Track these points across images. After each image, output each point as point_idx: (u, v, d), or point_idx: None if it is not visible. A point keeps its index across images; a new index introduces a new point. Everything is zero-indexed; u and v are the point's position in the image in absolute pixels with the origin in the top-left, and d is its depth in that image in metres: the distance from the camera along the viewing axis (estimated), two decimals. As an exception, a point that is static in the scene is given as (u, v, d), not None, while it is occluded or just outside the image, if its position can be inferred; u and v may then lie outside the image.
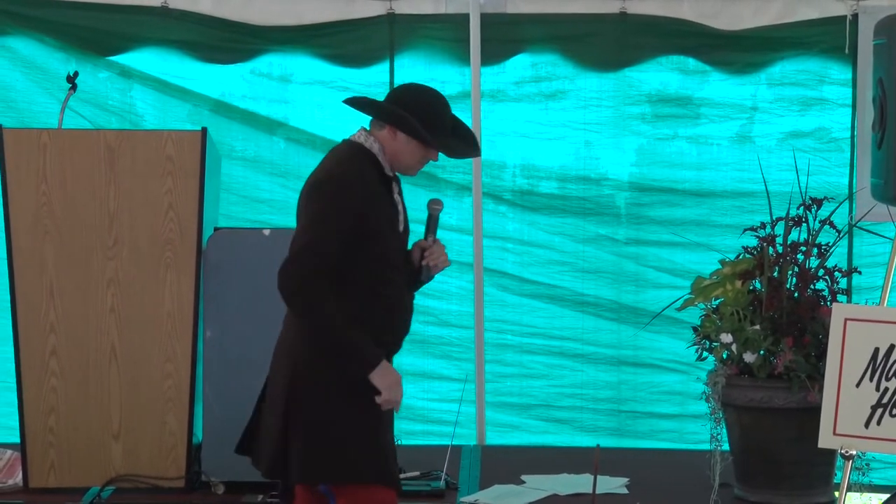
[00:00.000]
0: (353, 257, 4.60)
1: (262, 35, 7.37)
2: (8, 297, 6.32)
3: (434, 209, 4.90)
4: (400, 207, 4.81)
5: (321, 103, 7.44)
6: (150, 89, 7.43)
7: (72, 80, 6.56)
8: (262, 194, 7.45)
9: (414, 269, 4.85)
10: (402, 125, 4.69)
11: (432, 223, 4.90)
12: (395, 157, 4.75)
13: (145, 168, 6.31)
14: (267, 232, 6.39)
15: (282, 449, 4.64)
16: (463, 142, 4.85)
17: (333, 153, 4.79)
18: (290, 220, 7.31)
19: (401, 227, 4.80)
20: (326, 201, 4.62)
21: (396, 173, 4.80)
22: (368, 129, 4.78)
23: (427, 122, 4.69)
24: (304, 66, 7.44)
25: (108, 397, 6.33)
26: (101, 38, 7.38)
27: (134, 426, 6.33)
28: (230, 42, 7.39)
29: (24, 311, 6.30)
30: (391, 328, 4.75)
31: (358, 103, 4.80)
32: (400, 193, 4.83)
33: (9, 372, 6.45)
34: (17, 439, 6.39)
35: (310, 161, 7.37)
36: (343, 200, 4.60)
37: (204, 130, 6.35)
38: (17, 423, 6.37)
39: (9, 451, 6.61)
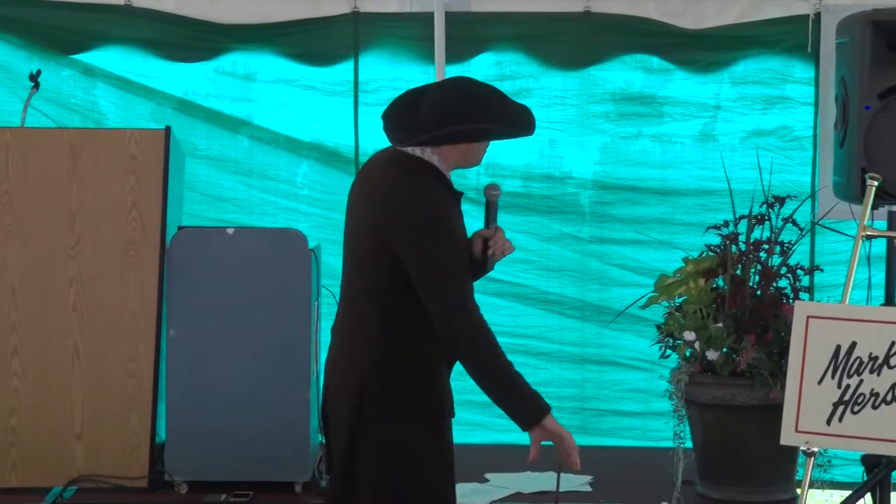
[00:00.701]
0: None
1: (225, 33, 7.34)
2: (-31, 297, 6.30)
3: (492, 195, 4.61)
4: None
5: (285, 102, 7.42)
6: (114, 88, 7.39)
7: (34, 78, 6.54)
8: (226, 193, 7.42)
9: (476, 262, 4.58)
10: (476, 137, 4.43)
11: (492, 210, 4.61)
12: (464, 160, 4.49)
13: (108, 167, 6.28)
14: (231, 231, 6.37)
15: (349, 471, 4.45)
16: (514, 111, 4.48)
17: (400, 170, 4.42)
18: (253, 219, 7.38)
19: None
20: (434, 236, 4.33)
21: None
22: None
23: (487, 117, 4.39)
24: (268, 64, 7.41)
25: (70, 397, 6.29)
26: (64, 36, 7.33)
27: (97, 426, 6.29)
28: (194, 40, 7.35)
29: (-15, 311, 6.28)
30: None
31: (423, 141, 4.41)
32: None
33: (-29, 373, 6.42)
34: (-21, 440, 6.37)
35: (273, 160, 7.40)
36: (444, 229, 4.35)
37: (167, 129, 6.33)
38: (-22, 424, 6.35)
39: (-29, 452, 6.58)
